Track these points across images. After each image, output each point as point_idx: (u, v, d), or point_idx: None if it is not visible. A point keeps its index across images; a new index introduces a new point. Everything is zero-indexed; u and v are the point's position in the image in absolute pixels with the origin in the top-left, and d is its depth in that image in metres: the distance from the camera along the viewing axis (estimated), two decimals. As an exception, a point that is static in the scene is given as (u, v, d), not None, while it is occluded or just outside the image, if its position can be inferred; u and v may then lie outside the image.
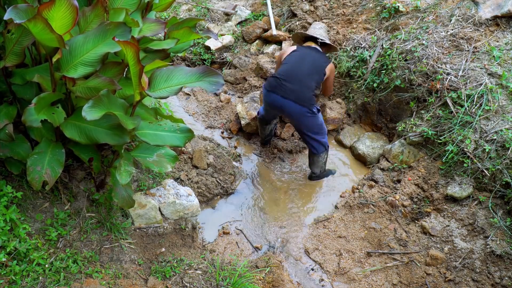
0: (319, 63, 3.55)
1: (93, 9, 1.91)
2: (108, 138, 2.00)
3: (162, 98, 1.88)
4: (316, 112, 3.45)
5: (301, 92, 3.37)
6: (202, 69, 1.95)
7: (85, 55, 1.82)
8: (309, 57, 3.58)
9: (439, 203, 3.24)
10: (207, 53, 5.22)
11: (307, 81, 3.42)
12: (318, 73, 3.51)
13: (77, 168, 2.62)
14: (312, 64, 3.51)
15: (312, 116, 3.43)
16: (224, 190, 3.59)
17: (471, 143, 3.19)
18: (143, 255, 2.62)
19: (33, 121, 1.83)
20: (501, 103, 3.28)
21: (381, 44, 4.14)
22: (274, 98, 3.45)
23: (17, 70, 2.03)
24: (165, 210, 2.84)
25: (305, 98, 3.37)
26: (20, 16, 1.54)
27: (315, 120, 3.48)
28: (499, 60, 3.52)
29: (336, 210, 3.56)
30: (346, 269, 3.07)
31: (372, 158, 3.94)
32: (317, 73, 3.51)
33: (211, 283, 2.59)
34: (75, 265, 2.22)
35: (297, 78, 3.41)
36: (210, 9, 5.73)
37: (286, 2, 5.47)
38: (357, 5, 4.82)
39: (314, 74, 3.49)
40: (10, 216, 2.06)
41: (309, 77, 3.44)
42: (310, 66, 3.49)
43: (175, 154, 2.39)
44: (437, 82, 3.53)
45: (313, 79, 3.46)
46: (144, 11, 2.25)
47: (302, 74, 3.43)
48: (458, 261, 2.96)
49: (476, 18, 3.88)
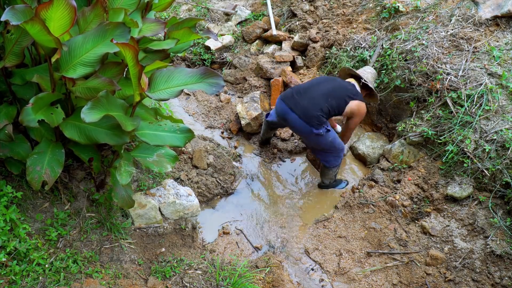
0: (342, 92, 3.30)
1: (93, 9, 1.91)
2: (108, 138, 2.00)
3: (163, 100, 1.87)
4: (323, 133, 3.24)
5: (308, 109, 3.19)
6: (202, 71, 1.94)
7: (84, 56, 1.82)
8: (334, 82, 3.39)
9: (439, 203, 3.24)
10: (207, 53, 5.22)
11: (319, 101, 3.21)
12: (336, 99, 3.25)
13: (77, 168, 2.62)
14: (333, 89, 3.30)
15: (317, 137, 3.25)
16: (224, 190, 3.59)
17: (471, 143, 3.18)
18: (143, 255, 2.62)
19: (30, 121, 1.83)
20: (501, 103, 3.28)
21: (381, 44, 4.14)
22: (282, 107, 3.33)
23: (17, 70, 2.03)
24: (165, 210, 2.84)
25: (311, 116, 3.17)
26: (18, 17, 1.53)
27: (323, 140, 3.29)
28: (499, 60, 3.52)
29: (336, 210, 3.56)
30: (346, 269, 3.07)
31: (372, 158, 3.94)
32: (335, 98, 3.25)
33: (211, 283, 2.59)
34: (75, 265, 2.22)
35: (310, 95, 3.25)
36: (210, 9, 5.73)
37: (286, 2, 5.47)
38: (357, 5, 4.82)
39: (331, 99, 3.24)
40: (10, 216, 2.06)
41: (323, 98, 3.22)
42: (329, 89, 3.28)
43: (175, 154, 2.39)
44: (437, 82, 3.53)
45: (327, 102, 3.22)
46: (144, 11, 2.25)
47: (317, 93, 3.25)
48: (458, 261, 2.96)
49: (476, 18, 3.88)
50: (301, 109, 3.21)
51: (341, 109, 3.29)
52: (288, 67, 4.70)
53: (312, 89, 3.30)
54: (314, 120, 3.18)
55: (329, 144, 3.35)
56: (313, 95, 3.25)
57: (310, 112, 3.18)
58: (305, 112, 3.19)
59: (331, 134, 3.34)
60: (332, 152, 3.43)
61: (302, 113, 3.20)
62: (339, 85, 3.36)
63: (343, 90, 3.32)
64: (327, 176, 3.63)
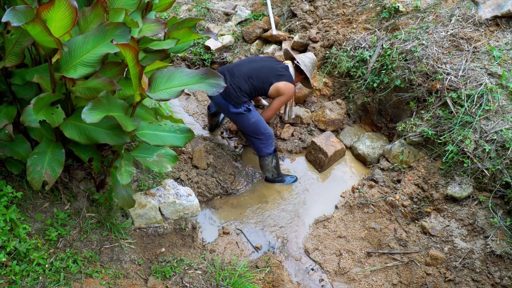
0: (268, 72, 3.35)
1: (93, 9, 1.91)
2: (108, 138, 2.00)
3: (163, 100, 1.87)
4: (242, 111, 3.28)
5: (229, 87, 3.24)
6: (202, 71, 1.94)
7: (84, 56, 1.82)
8: (262, 62, 3.42)
9: (439, 203, 3.24)
10: (207, 53, 5.22)
11: (240, 80, 3.27)
12: (259, 80, 3.31)
13: (77, 168, 2.62)
14: (259, 69, 3.34)
15: (237, 116, 3.30)
16: (224, 190, 3.59)
17: (471, 143, 3.19)
18: (143, 255, 2.62)
19: (32, 122, 1.83)
20: (501, 103, 3.28)
21: (381, 44, 4.14)
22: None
23: (17, 70, 2.03)
24: (165, 210, 2.84)
25: (230, 94, 3.25)
26: (18, 18, 1.52)
27: (245, 119, 3.33)
28: (499, 60, 3.52)
29: (336, 210, 3.56)
30: (346, 269, 3.07)
31: (372, 158, 3.94)
32: (258, 78, 3.31)
33: (211, 283, 2.59)
34: (75, 265, 2.22)
35: (234, 74, 3.28)
36: (210, 9, 5.73)
37: (286, 2, 5.47)
38: (357, 5, 4.82)
39: (254, 79, 3.30)
40: (10, 216, 2.06)
41: (245, 78, 3.28)
42: (254, 69, 3.32)
43: (175, 154, 2.39)
44: (437, 82, 3.53)
45: (249, 81, 3.29)
46: (144, 11, 2.25)
47: (240, 72, 3.29)
48: (458, 261, 2.96)
49: (476, 18, 3.88)
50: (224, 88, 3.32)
51: (265, 90, 3.34)
52: (288, 67, 4.70)
53: (238, 68, 3.32)
54: (232, 99, 3.25)
55: (253, 126, 3.37)
56: (236, 74, 3.28)
57: (230, 90, 3.24)
58: (227, 91, 3.24)
59: (254, 115, 3.35)
60: (259, 138, 3.44)
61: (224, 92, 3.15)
62: (267, 65, 3.38)
63: (270, 70, 3.34)
64: (265, 168, 3.62)
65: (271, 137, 3.52)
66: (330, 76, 4.48)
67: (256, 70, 3.34)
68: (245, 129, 3.46)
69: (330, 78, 4.47)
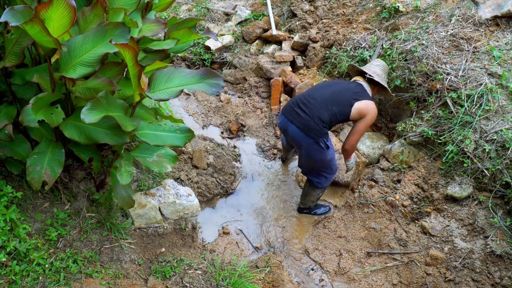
0: (344, 95, 3.00)
1: (93, 9, 1.91)
2: (108, 138, 2.00)
3: (162, 100, 1.87)
4: (323, 148, 3.01)
5: (307, 120, 2.94)
6: (202, 71, 1.94)
7: (84, 56, 1.82)
8: (335, 86, 3.10)
9: (439, 203, 3.23)
10: (207, 53, 5.22)
11: (319, 110, 2.95)
12: (338, 105, 2.98)
13: (77, 168, 2.62)
14: (334, 94, 3.02)
15: (318, 149, 3.01)
16: (224, 190, 3.59)
17: (471, 143, 3.18)
18: (143, 255, 2.63)
19: (30, 121, 1.83)
20: (501, 103, 3.28)
21: (381, 44, 4.14)
22: (282, 119, 3.14)
23: (17, 70, 2.03)
24: (165, 210, 2.84)
25: (310, 128, 2.94)
26: (17, 18, 1.52)
27: (323, 156, 3.06)
28: (499, 60, 3.52)
29: (336, 210, 3.56)
30: (346, 269, 3.07)
31: (372, 158, 3.94)
32: (336, 104, 2.97)
33: (211, 283, 2.59)
34: (75, 265, 2.22)
35: (309, 105, 2.98)
36: (210, 9, 5.73)
37: (286, 2, 5.47)
38: (357, 5, 4.82)
39: (332, 105, 2.96)
40: (10, 216, 2.06)
41: (323, 106, 2.96)
42: (329, 95, 3.01)
43: (175, 154, 2.39)
44: (437, 82, 3.53)
45: (328, 109, 2.96)
46: (144, 11, 2.25)
47: (316, 102, 2.98)
48: (458, 261, 2.96)
49: (476, 18, 3.88)
50: (300, 120, 2.98)
51: (346, 114, 2.99)
52: (288, 67, 4.71)
53: (311, 98, 3.03)
54: (312, 131, 2.95)
55: (327, 162, 3.13)
56: (311, 103, 2.99)
57: (309, 123, 2.95)
58: (305, 123, 2.96)
59: (331, 152, 3.12)
60: (326, 172, 3.20)
61: (301, 124, 2.97)
62: (341, 88, 3.08)
63: (346, 93, 3.02)
64: (310, 197, 3.37)
65: (335, 173, 3.31)
66: (330, 76, 4.48)
67: (331, 95, 3.01)
68: (317, 164, 3.14)
69: (330, 78, 4.47)
